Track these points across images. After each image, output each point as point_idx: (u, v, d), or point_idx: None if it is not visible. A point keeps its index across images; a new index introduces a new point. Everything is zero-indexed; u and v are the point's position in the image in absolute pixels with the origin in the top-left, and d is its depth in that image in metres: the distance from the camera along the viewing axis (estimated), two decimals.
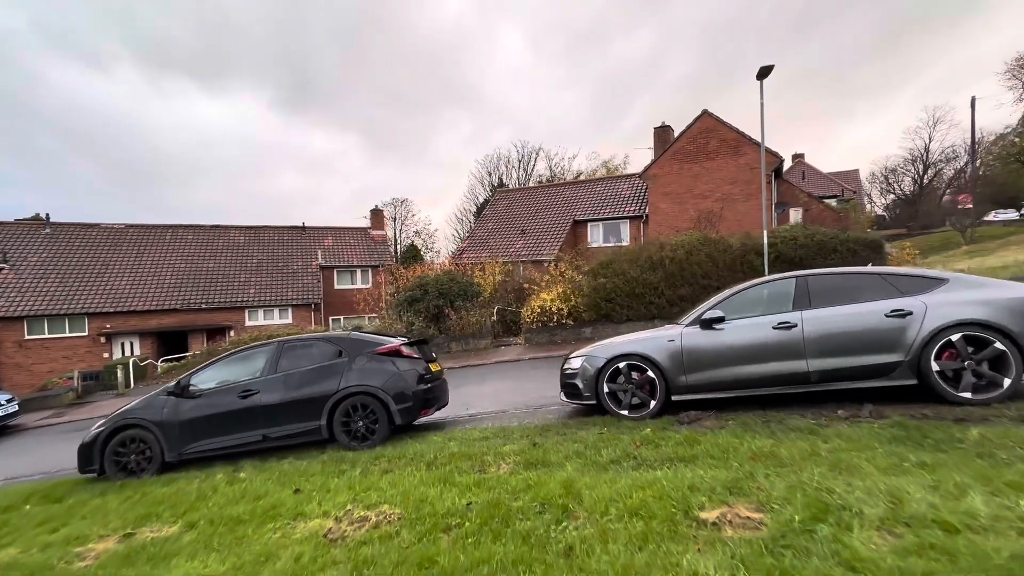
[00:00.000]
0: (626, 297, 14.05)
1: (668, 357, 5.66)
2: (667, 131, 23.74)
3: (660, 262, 13.94)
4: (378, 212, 30.86)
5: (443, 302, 16.61)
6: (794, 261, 12.83)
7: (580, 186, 26.15)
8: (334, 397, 6.03)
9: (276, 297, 24.46)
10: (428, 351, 7.17)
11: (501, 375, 11.18)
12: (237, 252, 26.24)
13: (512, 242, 24.17)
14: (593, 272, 14.85)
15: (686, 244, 14.10)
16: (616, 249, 17.74)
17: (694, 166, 20.46)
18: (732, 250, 13.45)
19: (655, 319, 14.01)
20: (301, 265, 26.50)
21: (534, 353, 13.32)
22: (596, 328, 14.51)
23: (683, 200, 20.73)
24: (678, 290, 13.70)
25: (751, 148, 19.43)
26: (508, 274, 19.18)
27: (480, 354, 14.30)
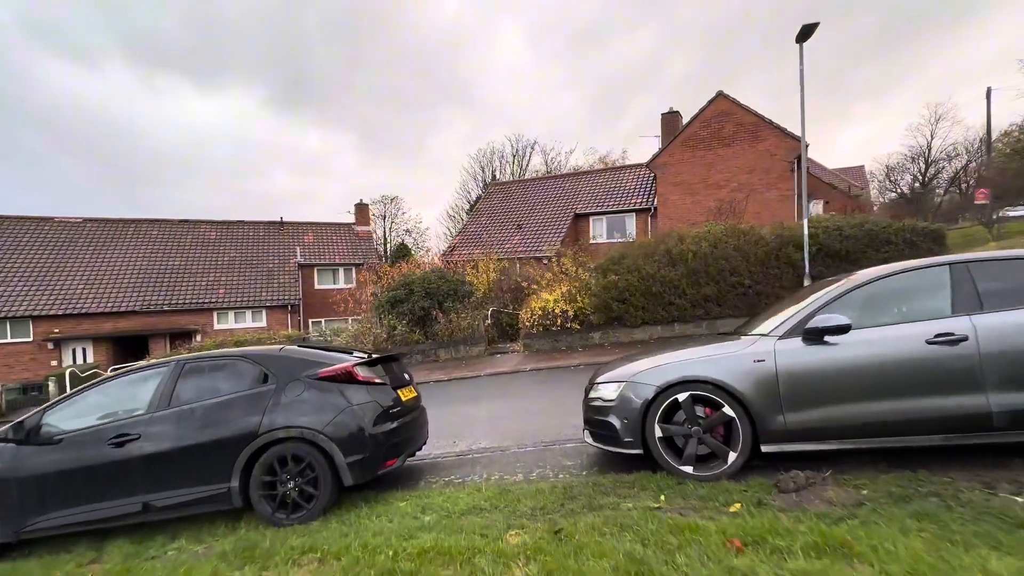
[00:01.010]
0: (641, 297, 12.16)
1: (755, 386, 3.74)
2: (675, 117, 21.93)
3: (681, 257, 12.06)
4: (363, 207, 28.78)
5: (430, 303, 14.62)
6: (840, 255, 11.02)
7: (581, 177, 24.27)
8: (252, 445, 4.03)
9: (249, 298, 22.32)
10: (401, 370, 5.20)
11: (498, 391, 9.21)
12: (207, 249, 24.06)
13: (507, 238, 22.22)
14: (602, 269, 12.93)
15: (710, 236, 12.23)
16: (624, 245, 15.81)
17: (708, 153, 18.64)
18: (765, 243, 11.60)
19: (675, 322, 12.14)
20: (278, 263, 24.37)
21: (535, 362, 11.37)
22: (606, 332, 12.60)
23: (695, 191, 18.90)
24: (702, 289, 11.83)
25: (771, 133, 17.64)
26: (504, 272, 17.24)
27: (472, 363, 12.33)
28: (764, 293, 11.43)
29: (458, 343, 13.40)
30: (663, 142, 21.56)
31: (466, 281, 16.20)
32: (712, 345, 4.39)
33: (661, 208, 19.55)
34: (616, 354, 11.07)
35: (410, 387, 5.19)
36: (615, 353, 11.11)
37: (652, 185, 21.31)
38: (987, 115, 32.78)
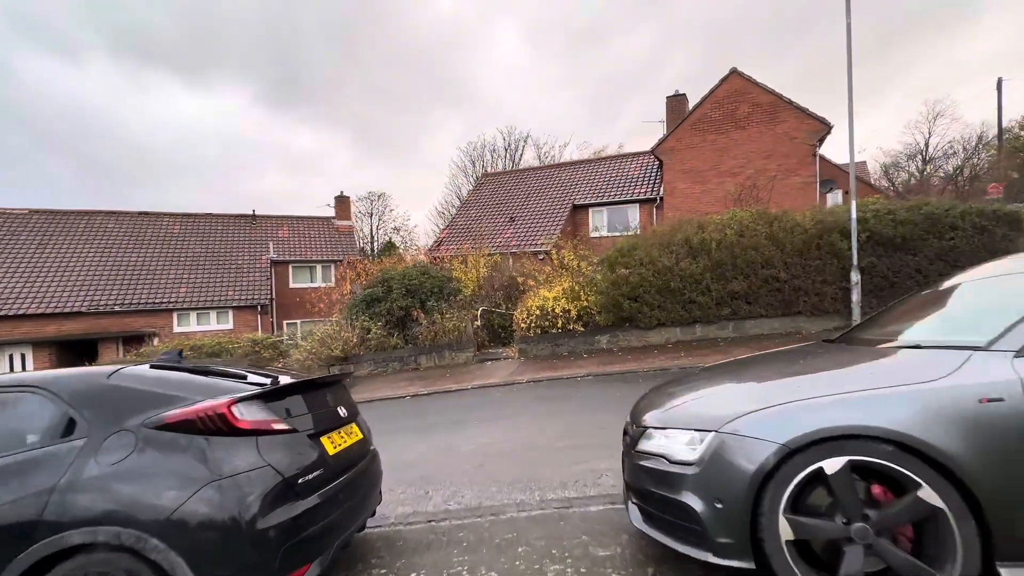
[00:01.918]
0: (657, 294, 10.37)
1: (984, 448, 1.94)
2: (681, 101, 20.23)
3: (703, 247, 10.29)
4: (344, 200, 26.73)
5: (411, 302, 12.72)
6: (893, 243, 9.31)
7: (579, 167, 22.48)
8: (22, 558, 2.14)
9: (213, 297, 20.21)
10: (337, 401, 3.33)
11: (489, 414, 7.33)
12: (169, 244, 21.89)
13: (500, 231, 20.35)
14: (610, 262, 11.14)
15: (737, 223, 10.48)
16: (633, 236, 14.06)
17: (720, 137, 16.94)
18: (803, 230, 9.87)
19: (696, 323, 10.37)
20: (248, 260, 22.27)
21: (533, 371, 9.53)
22: (615, 335, 10.81)
23: (706, 179, 17.19)
24: (729, 284, 10.07)
25: (790, 114, 15.98)
26: (496, 267, 15.38)
27: (458, 373, 10.45)
28: (803, 289, 9.71)
29: (442, 348, 11.51)
30: (668, 128, 19.84)
31: (453, 277, 14.32)
32: (859, 369, 2.58)
33: (668, 198, 17.82)
34: (629, 362, 9.26)
35: (349, 426, 3.32)
36: (627, 361, 9.30)
37: (658, 173, 19.60)
38: (998, 107, 31.57)
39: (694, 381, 3.25)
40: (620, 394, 7.39)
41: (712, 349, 9.44)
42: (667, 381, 3.67)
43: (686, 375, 3.60)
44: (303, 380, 3.04)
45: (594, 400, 7.19)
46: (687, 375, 3.58)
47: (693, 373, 3.59)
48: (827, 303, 9.64)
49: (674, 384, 3.39)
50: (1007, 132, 33.78)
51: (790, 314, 9.94)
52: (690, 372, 3.64)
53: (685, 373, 3.64)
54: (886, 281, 9.33)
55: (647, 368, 8.66)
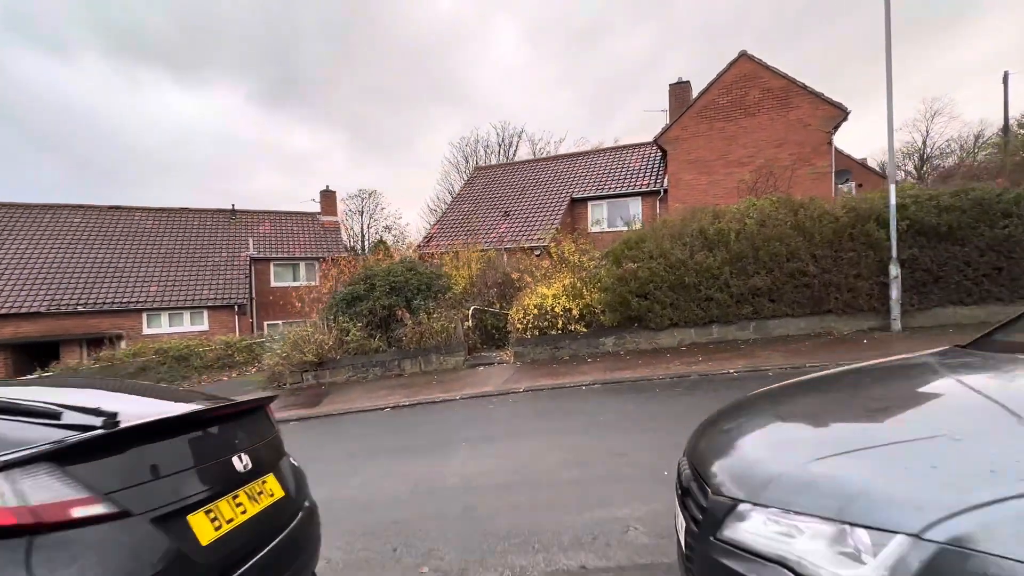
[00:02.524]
0: (669, 291, 9.27)
1: None
2: (685, 88, 19.18)
3: (720, 238, 9.21)
4: (330, 194, 25.45)
5: (395, 301, 11.54)
6: (937, 232, 8.25)
7: (577, 159, 21.37)
8: None
9: (187, 296, 18.89)
10: (247, 443, 2.16)
11: (480, 432, 6.15)
12: (141, 240, 20.53)
13: (493, 226, 19.21)
14: (616, 255, 10.03)
15: (758, 211, 9.41)
16: (638, 231, 12.97)
17: (728, 125, 15.89)
18: (833, 218, 8.80)
19: (713, 323, 9.28)
20: (226, 257, 20.96)
21: (531, 378, 8.39)
22: (621, 337, 9.69)
23: (713, 169, 16.13)
24: (750, 279, 8.98)
25: (804, 99, 14.96)
26: (490, 263, 14.22)
27: (446, 380, 9.29)
28: (834, 284, 8.64)
29: (429, 352, 10.34)
30: (671, 117, 18.80)
31: (442, 274, 13.15)
32: None
33: (672, 190, 16.75)
34: (640, 367, 8.06)
35: (259, 483, 2.16)
36: (637, 366, 8.16)
37: (661, 164, 18.55)
38: (1005, 100, 30.86)
39: (804, 406, 2.11)
40: (634, 407, 6.26)
41: (733, 352, 8.34)
42: (746, 400, 2.49)
43: (778, 392, 2.41)
44: (166, 418, 1.87)
45: (604, 415, 6.05)
46: (780, 392, 2.40)
47: (784, 390, 2.41)
48: (862, 300, 8.58)
49: (763, 407, 2.23)
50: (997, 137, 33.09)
51: (819, 312, 8.87)
52: (780, 389, 2.44)
53: (772, 391, 2.46)
54: (929, 275, 8.28)
55: (661, 375, 7.55)
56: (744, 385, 6.58)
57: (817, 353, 7.61)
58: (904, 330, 8.25)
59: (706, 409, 5.83)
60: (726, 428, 2.20)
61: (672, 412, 5.85)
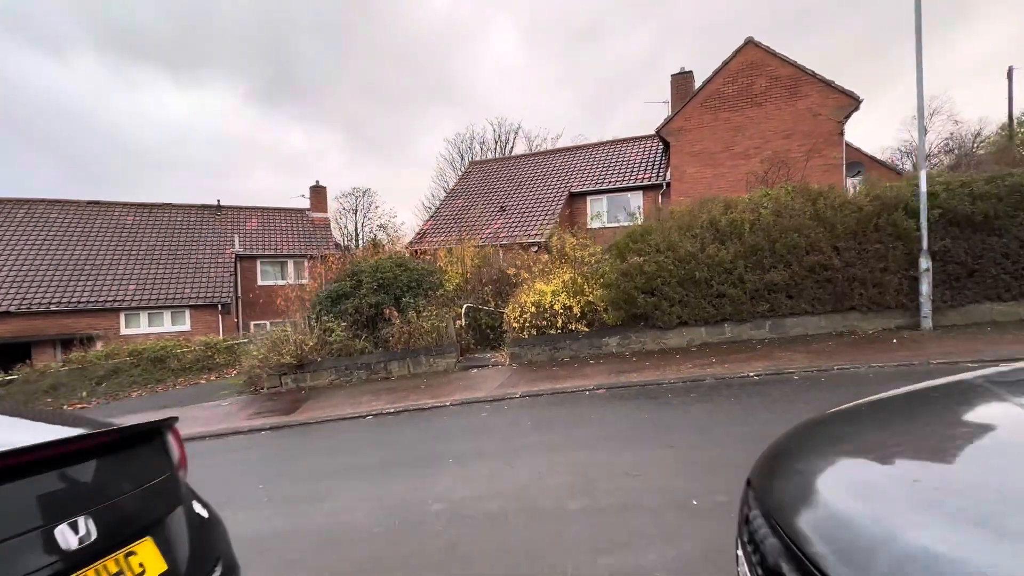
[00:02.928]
0: (679, 286, 8.56)
1: None
2: (688, 79, 18.52)
3: (733, 229, 8.51)
4: (320, 190, 24.63)
5: (383, 299, 10.79)
6: (972, 222, 7.57)
7: (576, 152, 20.65)
8: None
9: (168, 295, 18.05)
10: (104, 495, 1.40)
11: (470, 445, 5.39)
12: (120, 236, 19.66)
13: (489, 221, 18.47)
14: (620, 249, 9.32)
15: (773, 201, 8.73)
16: (644, 224, 12.30)
17: (734, 115, 15.22)
18: (857, 207, 8.11)
19: (726, 322, 8.58)
20: (210, 254, 20.12)
21: (528, 382, 7.65)
22: (626, 336, 8.97)
23: (718, 161, 15.46)
24: (766, 274, 8.29)
25: (813, 87, 14.30)
26: (485, 259, 13.49)
27: (436, 383, 8.53)
28: (859, 278, 7.94)
29: (418, 353, 9.58)
30: (673, 108, 18.12)
31: (433, 270, 12.40)
32: None
33: (675, 183, 16.07)
34: (648, 370, 7.18)
35: (134, 552, 1.40)
36: (645, 368, 7.41)
37: (663, 158, 17.87)
38: (1009, 95, 30.40)
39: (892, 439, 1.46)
40: (646, 417, 5.53)
41: (749, 353, 7.64)
42: (815, 427, 1.82)
43: (852, 416, 1.76)
44: None
45: (613, 426, 5.32)
46: (854, 417, 1.75)
47: (857, 415, 1.75)
48: (889, 296, 7.89)
49: (840, 436, 1.61)
50: (1005, 129, 32.63)
51: (841, 310, 8.18)
52: (851, 412, 1.79)
53: (843, 414, 1.80)
54: (963, 268, 7.60)
55: (673, 378, 6.83)
56: (767, 390, 5.87)
57: (843, 354, 6.91)
58: (935, 328, 7.57)
59: (729, 418, 5.13)
60: (801, 468, 1.59)
61: (691, 422, 5.12)
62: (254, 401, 9.06)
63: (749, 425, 4.77)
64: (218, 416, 8.30)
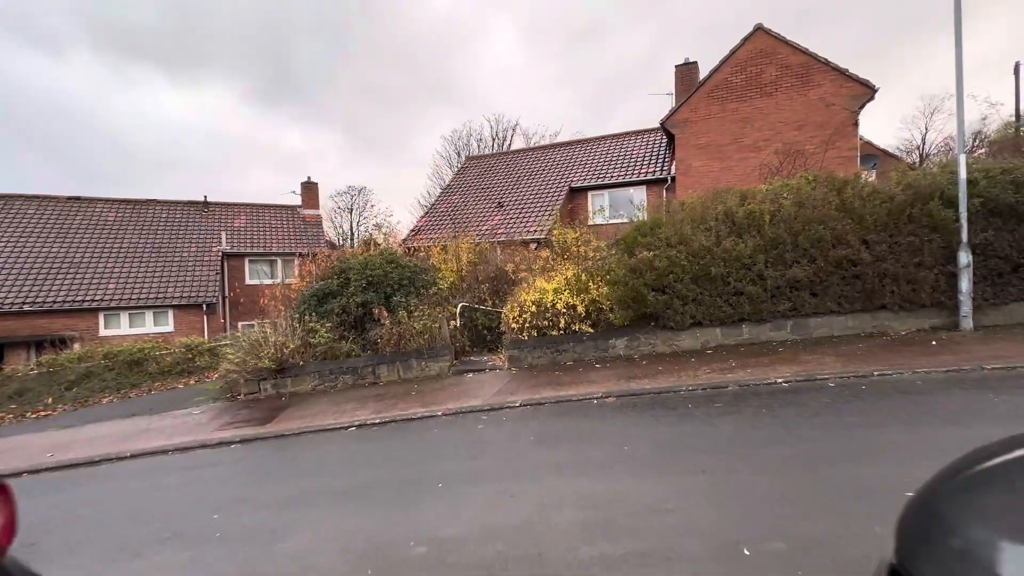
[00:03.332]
0: (692, 283, 7.86)
1: None
2: (693, 70, 17.84)
3: (751, 221, 7.83)
4: (311, 186, 23.85)
5: (372, 297, 10.07)
6: (1016, 212, 6.88)
7: (576, 147, 19.93)
8: None
9: (150, 295, 17.24)
10: None
11: (463, 466, 4.64)
12: (101, 233, 18.85)
13: (486, 217, 17.76)
14: (627, 243, 8.62)
15: (794, 191, 8.05)
16: (653, 217, 11.62)
17: (742, 106, 14.54)
18: (886, 197, 7.43)
19: (743, 322, 7.89)
20: (196, 252, 19.32)
21: (529, 389, 6.92)
22: (634, 338, 8.27)
23: (726, 154, 14.78)
24: (788, 270, 7.60)
25: (826, 76, 13.63)
26: (482, 256, 12.77)
27: (428, 390, 7.79)
28: (891, 274, 7.26)
29: (409, 356, 8.84)
30: (678, 100, 17.44)
31: (427, 268, 11.68)
32: None
33: (681, 177, 15.37)
34: (662, 375, 6.17)
35: None
36: (658, 374, 6.67)
37: (667, 151, 17.19)
38: (1016, 91, 29.87)
39: None
40: (666, 432, 4.82)
41: (771, 356, 6.94)
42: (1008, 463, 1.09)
43: None
44: None
45: (629, 444, 4.61)
46: None
47: None
48: (923, 293, 7.20)
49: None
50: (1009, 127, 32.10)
51: (871, 309, 7.49)
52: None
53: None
54: (1007, 264, 6.92)
55: (691, 384, 6.12)
56: (801, 399, 5.17)
57: (880, 358, 6.21)
58: (976, 329, 6.89)
59: (766, 434, 4.43)
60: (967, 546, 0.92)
61: (721, 440, 4.41)
62: (229, 409, 8.31)
63: (792, 444, 4.06)
64: (187, 426, 7.55)
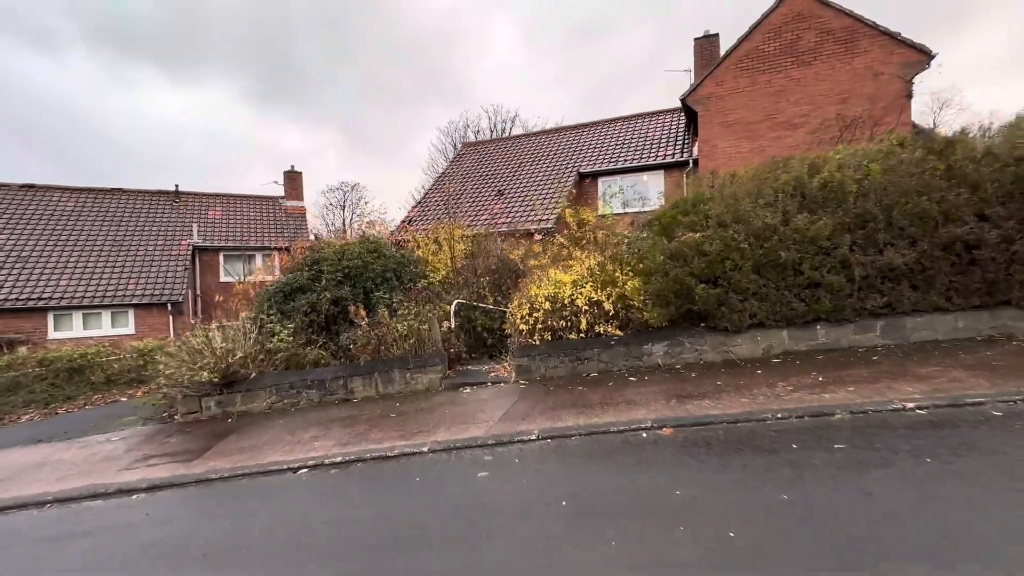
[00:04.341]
0: (752, 272, 6.12)
1: None
2: (714, 43, 16.12)
3: (829, 192, 6.09)
4: (295, 175, 21.99)
5: (349, 293, 8.31)
6: None
7: (584, 130, 18.17)
8: None
9: (107, 292, 15.36)
10: None
11: (463, 563, 2.83)
12: (57, 224, 16.95)
13: (485, 206, 16.00)
14: (663, 224, 6.88)
15: (879, 156, 6.32)
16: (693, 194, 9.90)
17: (776, 77, 12.84)
18: (1011, 159, 5.70)
19: (819, 322, 6.13)
20: (162, 245, 17.44)
21: (547, 413, 5.09)
22: (676, 342, 6.50)
23: (757, 133, 13.07)
24: (881, 254, 5.86)
25: (874, 41, 11.94)
26: (480, 247, 11.01)
27: (412, 411, 5.98)
28: (1021, 259, 5.53)
29: (391, 366, 7.04)
30: (696, 77, 15.74)
31: (415, 259, 9.92)
32: None
33: (704, 160, 13.65)
34: (726, 395, 4.43)
35: None
36: (720, 392, 4.72)
37: (686, 134, 15.47)
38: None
39: None
40: (788, 502, 3.02)
41: (869, 368, 5.19)
42: None
43: None
44: None
45: (731, 522, 2.83)
46: None
47: None
48: None
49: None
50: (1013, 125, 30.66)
51: (990, 305, 5.77)
52: None
53: None
54: None
55: (776, 410, 4.37)
56: (976, 440, 3.42)
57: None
58: None
59: (981, 513, 2.19)
60: None
61: (894, 522, 2.64)
62: (158, 434, 6.49)
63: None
64: (94, 460, 5.73)
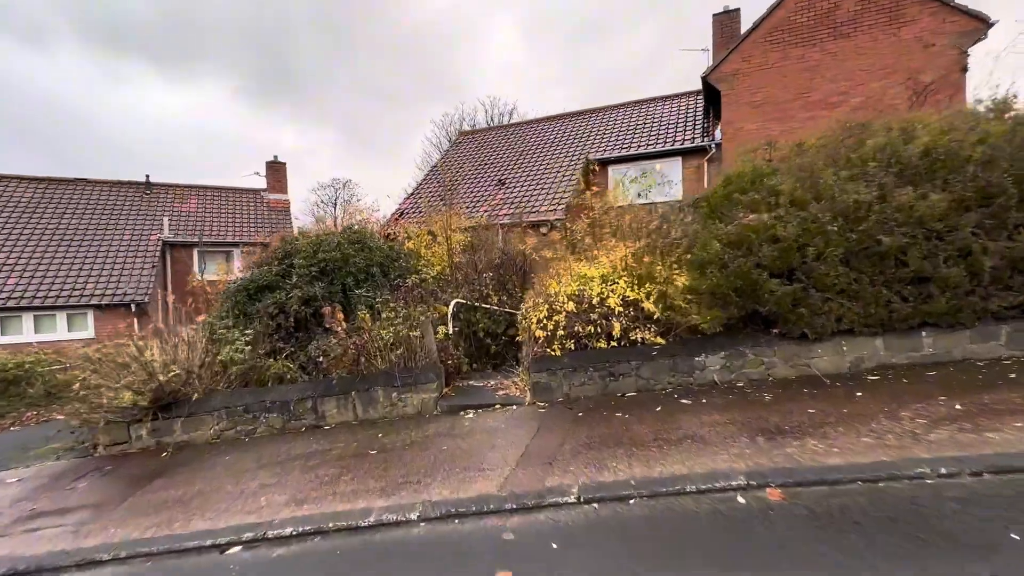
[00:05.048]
0: (841, 265, 4.72)
1: None
2: (734, 19, 14.80)
3: (937, 163, 4.71)
4: (278, 166, 20.44)
5: (323, 291, 6.85)
6: None
7: (593, 116, 16.75)
8: None
9: (63, 292, 13.78)
10: None
11: None
12: (9, 217, 15.33)
13: (485, 197, 14.58)
14: (713, 204, 5.50)
15: (997, 112, 4.95)
16: (749, 167, 8.53)
17: (809, 51, 11.50)
18: None
19: (925, 327, 4.71)
20: (130, 240, 15.86)
21: (582, 455, 3.61)
22: (735, 353, 5.08)
23: (788, 113, 11.73)
24: (1013, 240, 4.47)
25: (924, 9, 10.63)
26: (481, 239, 9.60)
27: (397, 445, 4.52)
28: None
29: (374, 382, 5.58)
30: (715, 58, 14.40)
31: (407, 252, 8.50)
32: None
33: (728, 144, 12.29)
34: (840, 432, 2.69)
35: None
36: (827, 429, 3.03)
37: (708, 116, 14.11)
38: None
39: None
40: None
41: (1015, 389, 3.81)
42: None
43: None
44: None
45: None
46: None
47: None
48: None
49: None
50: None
51: None
52: None
53: None
54: None
55: (928, 460, 2.99)
56: None
57: None
58: None
59: None
60: None
61: None
62: (66, 475, 5.02)
63: None
64: None
